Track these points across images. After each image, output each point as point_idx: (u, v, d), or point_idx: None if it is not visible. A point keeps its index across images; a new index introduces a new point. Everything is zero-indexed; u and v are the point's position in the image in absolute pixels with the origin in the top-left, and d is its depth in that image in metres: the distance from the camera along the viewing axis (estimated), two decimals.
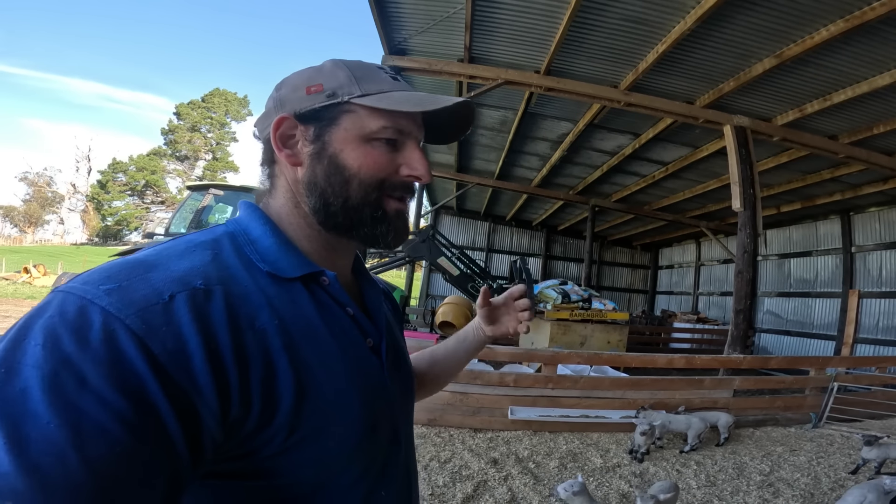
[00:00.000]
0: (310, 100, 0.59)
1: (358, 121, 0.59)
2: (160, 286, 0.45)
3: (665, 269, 16.93)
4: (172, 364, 0.42)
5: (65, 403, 0.37)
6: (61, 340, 0.39)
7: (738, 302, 5.88)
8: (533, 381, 4.59)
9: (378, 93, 0.59)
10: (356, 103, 0.59)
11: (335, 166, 0.59)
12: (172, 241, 0.54)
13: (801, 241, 10.98)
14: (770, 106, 5.94)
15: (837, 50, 4.60)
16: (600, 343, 7.29)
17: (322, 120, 0.59)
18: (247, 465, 0.50)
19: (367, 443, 0.58)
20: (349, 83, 0.59)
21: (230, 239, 0.57)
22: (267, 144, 0.63)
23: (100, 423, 0.37)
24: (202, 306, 0.46)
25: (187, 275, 0.48)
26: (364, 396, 0.58)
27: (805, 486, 3.35)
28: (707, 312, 13.87)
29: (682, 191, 10.18)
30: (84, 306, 0.41)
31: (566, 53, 5.34)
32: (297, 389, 0.50)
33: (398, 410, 0.67)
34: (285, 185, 0.62)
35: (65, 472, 0.35)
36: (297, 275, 0.57)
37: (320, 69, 0.62)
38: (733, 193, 5.87)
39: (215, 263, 0.51)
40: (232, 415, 0.46)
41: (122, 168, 44.10)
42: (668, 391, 4.79)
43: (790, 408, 5.05)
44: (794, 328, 10.83)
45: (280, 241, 0.59)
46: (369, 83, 0.60)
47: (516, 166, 10.03)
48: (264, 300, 0.52)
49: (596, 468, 3.53)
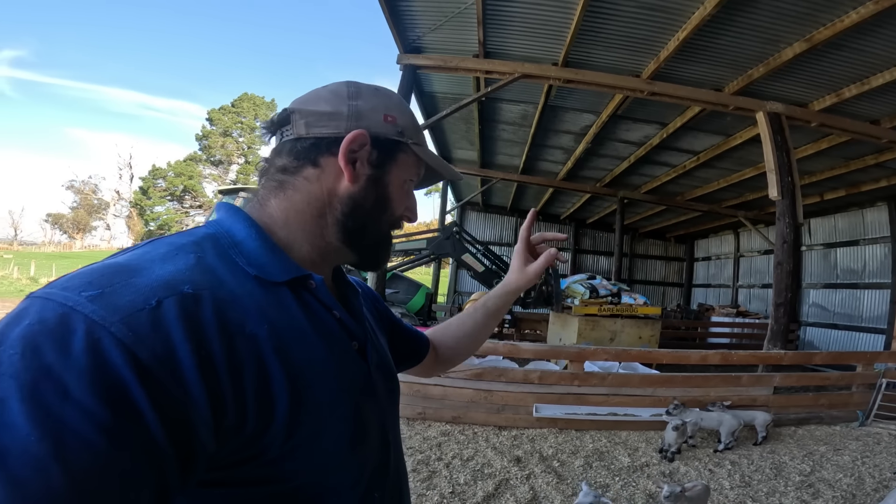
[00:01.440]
0: (385, 127, 0.63)
1: (409, 164, 0.67)
2: (146, 291, 0.43)
3: (701, 261, 16.31)
4: (161, 372, 0.40)
5: (45, 415, 0.35)
6: (41, 349, 0.37)
7: (778, 295, 5.60)
8: (559, 378, 4.51)
9: (423, 146, 0.69)
10: (413, 149, 0.66)
11: (384, 196, 0.65)
12: (151, 243, 0.52)
13: (847, 229, 10.37)
14: (805, 91, 5.66)
15: (870, 32, 4.37)
16: (631, 339, 7.08)
17: (386, 150, 0.64)
18: (245, 472, 0.49)
19: (360, 444, 0.58)
20: (412, 128, 0.67)
21: (212, 241, 0.55)
22: (314, 144, 0.61)
23: (83, 436, 0.36)
24: (191, 312, 0.44)
25: (173, 279, 0.46)
26: (354, 398, 0.58)
27: (847, 487, 3.17)
28: (748, 306, 13.28)
29: (716, 180, 9.77)
30: (65, 314, 0.39)
31: (583, 44, 5.23)
32: (292, 394, 0.49)
33: (386, 412, 0.67)
34: (316, 192, 0.61)
35: (47, 486, 0.34)
36: (284, 278, 0.56)
37: (391, 99, 0.67)
38: (769, 182, 5.60)
39: (200, 267, 0.49)
40: (226, 423, 0.44)
41: (162, 174, 45.96)
42: (703, 388, 4.61)
43: (835, 405, 4.77)
44: (842, 321, 10.23)
45: (266, 245, 0.57)
46: (419, 134, 0.69)
47: (540, 160, 9.87)
48: (253, 304, 0.50)
49: (623, 467, 3.43)
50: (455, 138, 9.21)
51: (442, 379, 4.38)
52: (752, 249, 13.69)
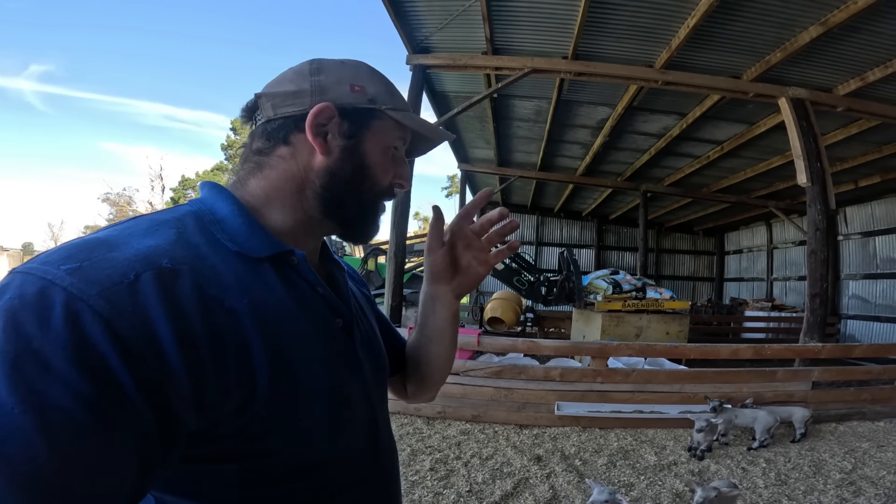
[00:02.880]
0: (353, 97, 0.62)
1: (385, 129, 0.64)
2: (124, 265, 0.43)
3: (733, 254, 15.73)
4: (140, 346, 0.40)
5: (28, 389, 0.35)
6: (22, 323, 0.37)
7: (812, 285, 5.34)
8: (581, 375, 4.39)
9: (402, 109, 0.66)
10: (389, 115, 0.64)
11: (362, 166, 0.63)
12: (134, 219, 0.52)
13: (885, 216, 9.83)
14: (828, 76, 5.44)
15: (886, 14, 4.20)
16: (658, 335, 6.86)
17: (358, 119, 0.62)
18: (230, 446, 0.49)
19: (343, 420, 0.59)
20: (386, 94, 0.64)
21: (195, 218, 0.55)
22: (282, 123, 0.62)
23: (65, 408, 0.36)
24: (170, 286, 0.44)
25: (153, 253, 0.46)
26: (337, 374, 0.59)
27: (891, 485, 2.97)
28: (784, 299, 12.74)
29: (742, 170, 9.41)
30: (45, 287, 0.39)
31: (591, 35, 5.13)
32: (273, 368, 0.50)
33: (371, 389, 0.67)
34: (293, 169, 0.61)
35: (30, 458, 0.34)
36: (266, 254, 0.56)
37: (359, 69, 0.65)
38: (798, 168, 5.38)
39: (181, 242, 0.50)
40: (207, 396, 0.44)
41: (191, 184, 47.39)
42: (735, 384, 4.40)
43: (879, 401, 4.49)
44: (884, 313, 9.68)
45: (248, 221, 0.57)
46: (397, 99, 0.66)
47: (558, 156, 9.70)
48: (233, 280, 0.51)
49: (649, 466, 3.30)
50: (471, 137, 9.17)
51: (461, 377, 4.32)
52: (786, 241, 13.14)
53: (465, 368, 4.39)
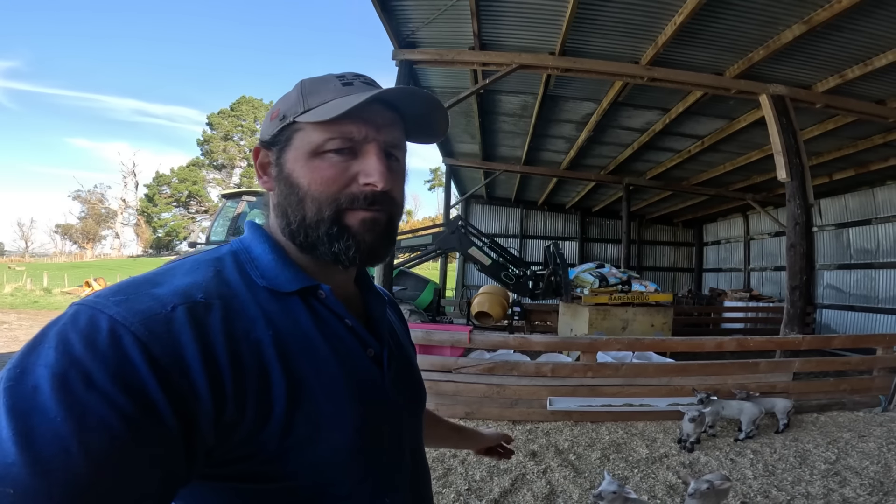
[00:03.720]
0: (271, 126, 0.62)
1: (305, 137, 0.59)
2: (164, 299, 0.49)
3: (711, 245, 16.10)
4: (172, 368, 0.45)
5: (72, 399, 0.39)
6: (72, 344, 0.42)
7: (792, 278, 5.49)
8: (571, 371, 4.44)
9: (318, 105, 0.58)
10: (300, 121, 0.59)
11: (289, 186, 0.60)
12: (180, 260, 0.58)
13: (859, 209, 10.16)
14: (807, 73, 5.57)
15: (869, 14, 4.29)
16: (643, 327, 6.98)
17: (279, 143, 0.62)
18: (247, 468, 0.52)
19: (364, 451, 0.59)
20: (297, 102, 0.60)
21: (233, 257, 0.60)
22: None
23: (103, 418, 0.40)
24: (201, 318, 0.49)
25: (189, 289, 0.51)
26: (361, 405, 0.59)
27: (874, 475, 3.07)
28: (761, 289, 13.10)
29: (721, 164, 9.63)
30: (94, 315, 0.45)
31: (579, 32, 5.13)
32: (290, 396, 0.52)
33: (404, 419, 0.67)
34: (272, 206, 0.65)
35: (66, 462, 0.38)
36: (293, 289, 0.59)
37: (285, 95, 0.63)
38: (777, 163, 5.51)
39: (217, 280, 0.55)
40: (226, 418, 0.48)
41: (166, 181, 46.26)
42: (720, 376, 4.51)
43: (857, 391, 4.66)
44: (858, 303, 10.03)
45: (278, 258, 0.61)
46: (314, 97, 0.59)
47: (543, 150, 9.76)
48: (260, 313, 0.54)
49: (641, 459, 3.37)
50: (456, 132, 9.13)
51: (454, 375, 4.33)
52: (762, 232, 13.50)
53: (456, 366, 4.39)
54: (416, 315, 8.24)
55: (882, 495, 2.80)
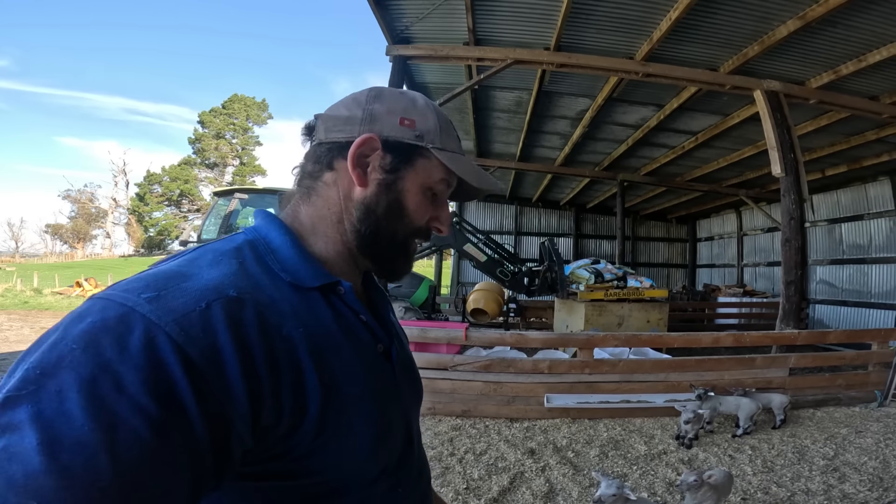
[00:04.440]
0: (401, 131, 0.61)
1: (430, 169, 0.63)
2: (196, 295, 0.46)
3: (705, 241, 16.18)
4: (208, 370, 0.42)
5: (101, 407, 0.37)
6: (101, 345, 0.39)
7: (787, 273, 5.49)
8: (569, 367, 4.42)
9: (452, 151, 0.64)
10: (435, 154, 0.62)
11: (398, 203, 0.62)
12: (198, 250, 0.55)
13: (851, 204, 10.23)
14: (801, 69, 5.58)
15: (864, 9, 4.29)
16: (639, 323, 6.99)
17: (402, 155, 0.62)
18: (276, 466, 0.51)
19: (384, 442, 0.60)
20: (436, 132, 0.63)
21: (251, 248, 0.57)
22: (329, 148, 0.63)
23: (134, 429, 0.37)
24: (236, 314, 0.47)
25: (221, 284, 0.49)
26: (379, 398, 0.60)
27: (873, 471, 3.07)
28: (754, 285, 13.17)
29: (715, 160, 9.66)
30: (126, 313, 0.42)
31: (574, 27, 5.11)
32: (324, 393, 0.51)
33: (410, 412, 0.69)
34: (334, 197, 0.63)
35: (94, 475, 0.35)
36: (316, 284, 0.58)
37: (415, 102, 0.64)
38: (772, 159, 5.52)
39: (242, 272, 0.52)
40: (263, 420, 0.46)
41: (157, 179, 45.80)
42: (716, 372, 4.51)
43: (853, 386, 4.67)
44: (851, 297, 10.10)
45: (300, 252, 0.59)
46: (447, 139, 0.64)
47: (538, 146, 9.74)
48: (289, 309, 0.53)
49: (640, 456, 3.35)
50: None
51: (450, 373, 4.30)
52: (755, 228, 13.56)
53: (453, 363, 4.36)
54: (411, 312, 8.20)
55: (882, 491, 2.80)
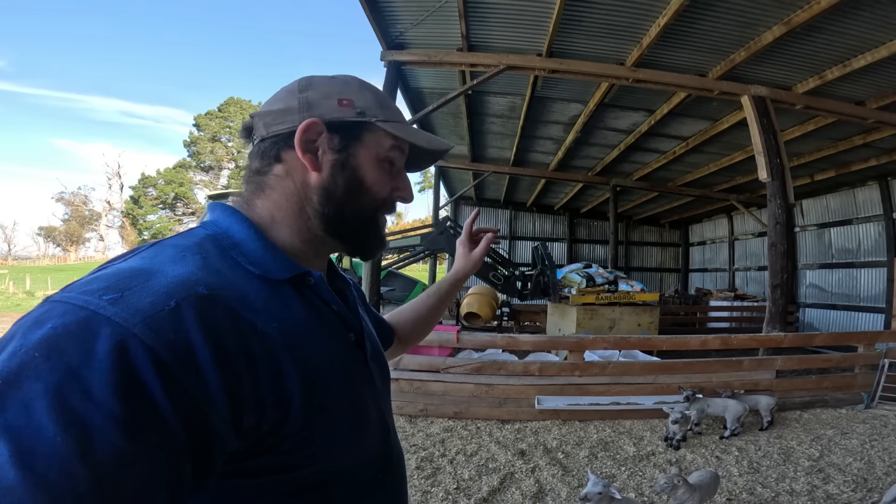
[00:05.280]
0: (340, 111, 0.62)
1: (379, 141, 0.64)
2: (163, 293, 0.44)
3: (697, 245, 16.32)
4: (182, 372, 0.41)
5: (71, 417, 0.36)
6: (65, 352, 0.38)
7: (774, 276, 5.56)
8: (559, 370, 4.46)
9: (396, 121, 0.65)
10: (380, 126, 0.63)
11: (356, 179, 0.63)
12: (155, 246, 0.53)
13: (840, 209, 10.37)
14: (788, 74, 5.66)
15: (848, 15, 4.35)
16: (630, 326, 7.05)
17: (349, 133, 0.63)
18: (266, 462, 0.50)
19: (365, 430, 0.61)
20: (376, 106, 0.64)
21: (213, 242, 0.56)
22: (273, 142, 0.63)
23: (107, 436, 0.36)
24: (207, 312, 0.45)
25: (188, 280, 0.47)
26: (356, 388, 0.61)
27: (858, 471, 3.12)
28: (745, 289, 13.30)
29: (706, 165, 9.77)
30: (88, 317, 0.40)
31: (566, 34, 5.18)
32: (304, 387, 0.51)
33: (382, 398, 0.70)
34: (290, 187, 0.62)
35: (71, 486, 0.35)
36: (286, 276, 0.57)
37: (348, 84, 0.65)
38: (759, 164, 5.60)
39: (208, 268, 0.51)
40: (246, 418, 0.46)
41: (152, 182, 45.56)
42: (705, 374, 4.56)
43: (840, 388, 4.74)
44: (840, 301, 10.23)
45: (265, 244, 0.59)
46: (388, 110, 0.65)
47: (531, 151, 9.81)
48: (261, 303, 0.52)
49: (629, 457, 3.39)
50: (444, 133, 9.13)
51: (442, 375, 4.32)
52: (746, 232, 13.70)
53: (445, 366, 4.39)
54: None
55: (866, 491, 2.85)
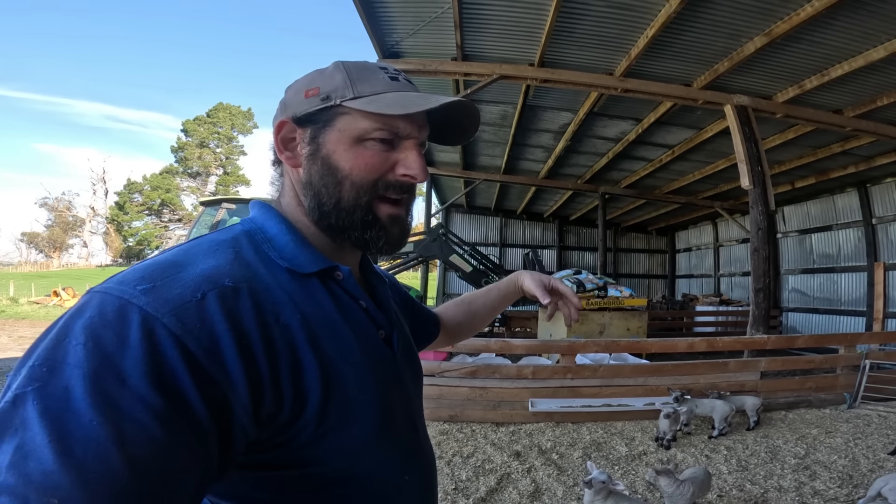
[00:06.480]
0: (307, 103, 0.60)
1: (351, 122, 0.59)
2: (192, 285, 0.46)
3: (683, 252, 16.63)
4: (207, 361, 0.43)
5: (106, 402, 0.38)
6: (102, 340, 0.40)
7: (756, 281, 5.73)
8: (552, 372, 4.54)
9: (371, 94, 0.59)
10: (348, 106, 0.58)
11: (328, 167, 0.60)
12: (194, 240, 0.56)
13: (820, 215, 10.70)
14: (768, 84, 5.86)
15: (826, 25, 4.54)
16: (619, 331, 7.17)
17: (317, 122, 0.60)
18: (281, 455, 0.51)
19: (387, 429, 0.60)
20: (344, 86, 0.59)
21: (248, 237, 0.58)
22: (272, 146, 0.65)
23: (139, 421, 0.38)
24: (232, 304, 0.47)
25: (215, 273, 0.49)
26: (381, 386, 0.60)
27: (843, 468, 3.23)
28: (730, 294, 13.58)
29: (691, 172, 10.02)
30: (122, 306, 0.42)
31: (557, 44, 5.32)
32: (324, 381, 0.52)
33: (412, 397, 0.69)
34: (290, 185, 0.64)
35: (107, 469, 0.36)
36: (313, 270, 0.58)
37: (322, 72, 0.62)
38: (741, 172, 5.79)
39: (238, 261, 0.53)
40: (264, 408, 0.47)
41: (138, 188, 44.96)
42: (692, 376, 4.68)
43: (823, 388, 4.89)
44: (822, 305, 10.53)
45: (295, 238, 0.60)
46: (364, 85, 0.59)
47: (522, 159, 9.96)
48: (286, 296, 0.53)
49: (621, 457, 3.47)
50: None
51: (437, 378, 4.37)
52: (730, 239, 14.00)
53: (440, 369, 4.44)
54: None
55: (852, 487, 2.95)
